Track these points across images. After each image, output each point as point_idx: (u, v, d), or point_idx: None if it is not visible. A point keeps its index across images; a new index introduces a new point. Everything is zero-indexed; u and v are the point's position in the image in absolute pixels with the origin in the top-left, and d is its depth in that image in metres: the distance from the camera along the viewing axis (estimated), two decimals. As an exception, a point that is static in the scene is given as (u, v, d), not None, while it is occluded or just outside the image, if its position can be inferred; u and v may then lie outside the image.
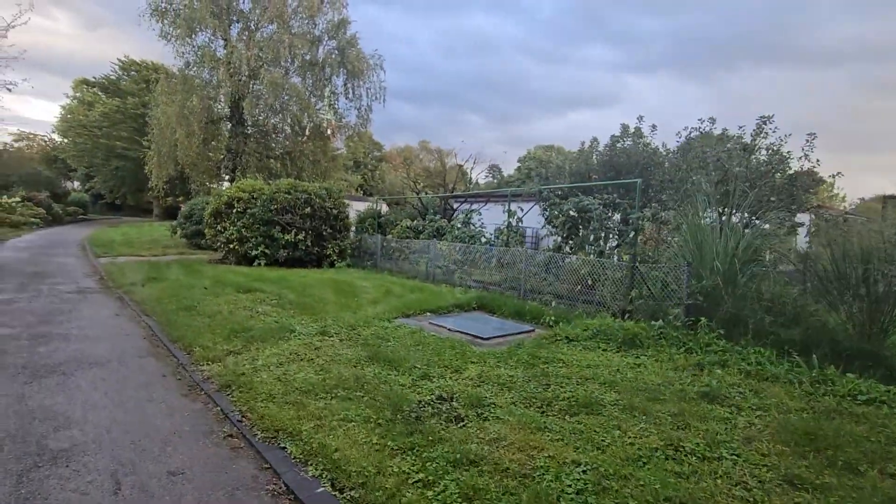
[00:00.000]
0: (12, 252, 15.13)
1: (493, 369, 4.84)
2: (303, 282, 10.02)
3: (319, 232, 13.45)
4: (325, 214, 13.52)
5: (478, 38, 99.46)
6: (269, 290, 8.80)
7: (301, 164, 21.93)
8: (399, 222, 14.48)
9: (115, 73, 42.14)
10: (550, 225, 10.17)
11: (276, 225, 13.20)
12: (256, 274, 11.25)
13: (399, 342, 5.73)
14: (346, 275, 11.87)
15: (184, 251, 17.17)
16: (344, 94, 23.59)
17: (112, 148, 37.19)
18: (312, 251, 13.41)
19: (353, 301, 8.20)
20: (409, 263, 13.09)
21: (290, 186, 13.49)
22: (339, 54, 21.82)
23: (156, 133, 20.62)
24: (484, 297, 8.73)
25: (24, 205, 28.77)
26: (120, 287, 9.60)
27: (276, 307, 7.53)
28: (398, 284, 10.28)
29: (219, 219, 13.79)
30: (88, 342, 5.73)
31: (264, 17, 20.61)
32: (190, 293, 8.52)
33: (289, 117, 21.24)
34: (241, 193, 13.64)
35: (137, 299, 8.31)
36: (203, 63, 19.70)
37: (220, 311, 7.14)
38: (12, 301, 7.80)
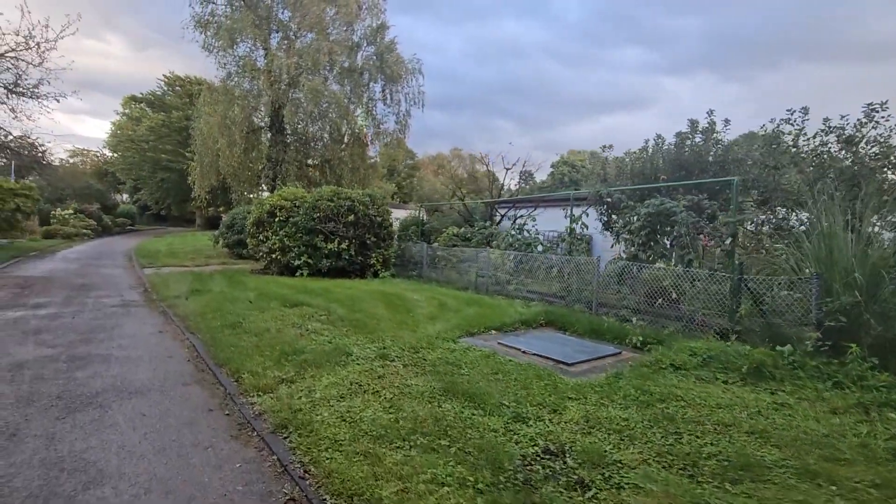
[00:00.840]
0: (63, 263, 15.31)
1: (598, 409, 3.93)
2: (350, 294, 9.38)
3: (363, 240, 12.86)
4: (368, 222, 12.93)
5: (507, 43, 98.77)
6: (316, 305, 8.19)
7: (340, 172, 21.63)
8: (444, 230, 13.74)
9: (161, 88, 43.75)
10: (617, 230, 9.16)
11: (318, 234, 12.71)
12: (300, 285, 10.72)
13: (473, 369, 4.90)
14: (393, 286, 11.19)
15: (226, 261, 17.02)
16: (382, 100, 23.25)
17: (158, 161, 38.43)
18: (356, 261, 12.84)
19: (409, 317, 7.44)
20: (458, 273, 12.30)
21: (333, 193, 13.00)
22: (378, 59, 21.48)
23: (198, 144, 20.81)
24: (551, 313, 7.80)
25: (77, 216, 29.91)
26: (164, 300, 9.24)
27: (326, 324, 6.86)
28: (451, 297, 9.49)
29: (261, 228, 13.44)
30: (129, 365, 5.19)
31: (303, 25, 20.52)
32: (234, 307, 8.01)
33: (328, 124, 21.02)
34: (283, 202, 13.26)
35: (181, 314, 7.85)
36: (244, 73, 19.74)
37: (268, 328, 6.52)
38: (56, 316, 7.47)
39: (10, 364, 5.04)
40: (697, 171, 10.97)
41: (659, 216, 7.60)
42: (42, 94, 11.00)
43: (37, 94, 10.92)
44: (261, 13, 20.83)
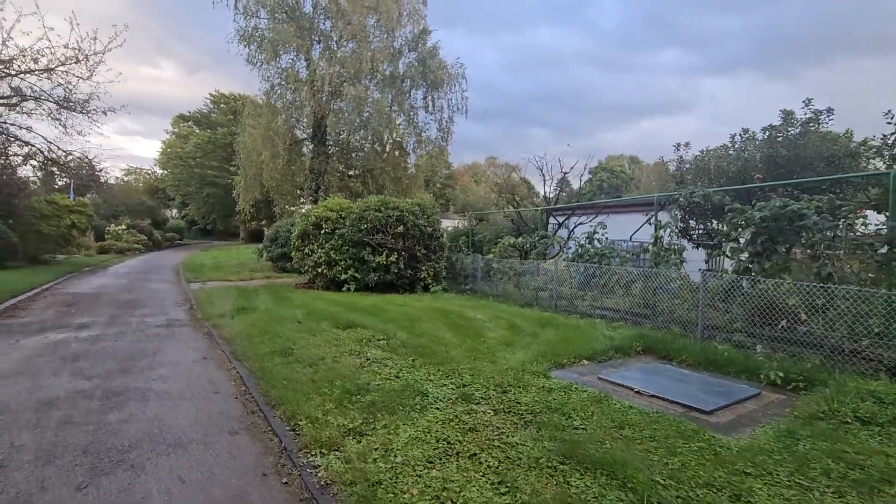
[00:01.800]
0: (112, 279, 15.29)
1: (802, 496, 2.76)
2: (405, 313, 8.48)
3: (413, 253, 12.01)
4: (418, 233, 12.08)
5: (541, 52, 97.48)
6: (371, 326, 7.31)
7: (382, 182, 21.07)
8: (499, 240, 12.70)
9: (207, 106, 45.22)
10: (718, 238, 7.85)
11: (366, 246, 11.96)
12: (349, 302, 9.93)
13: (588, 421, 3.82)
14: (448, 302, 10.22)
15: (270, 275, 16.62)
16: (424, 107, 22.63)
17: (204, 176, 39.49)
18: (405, 274, 11.98)
19: (480, 342, 6.43)
20: (517, 287, 11.21)
21: (381, 203, 12.24)
22: (420, 64, 20.88)
23: (243, 157, 20.80)
24: (645, 337, 6.59)
25: (130, 232, 30.87)
26: (208, 319, 8.64)
27: (388, 351, 5.94)
28: (518, 316, 8.41)
29: (306, 241, 12.85)
30: (169, 404, 4.42)
31: (345, 34, 20.23)
32: (283, 329, 7.25)
33: (370, 133, 20.54)
34: (328, 213, 12.63)
35: (227, 336, 7.16)
36: (287, 84, 19.59)
37: (323, 356, 5.67)
38: (98, 339, 6.93)
39: (40, 402, 4.37)
40: (799, 169, 9.50)
41: (779, 221, 6.28)
42: (91, 108, 10.73)
43: (87, 109, 10.70)
44: (303, 24, 20.72)
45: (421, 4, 22.55)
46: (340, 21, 20.62)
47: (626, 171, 60.74)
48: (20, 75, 9.57)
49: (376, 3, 20.17)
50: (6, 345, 6.42)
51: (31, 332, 7.25)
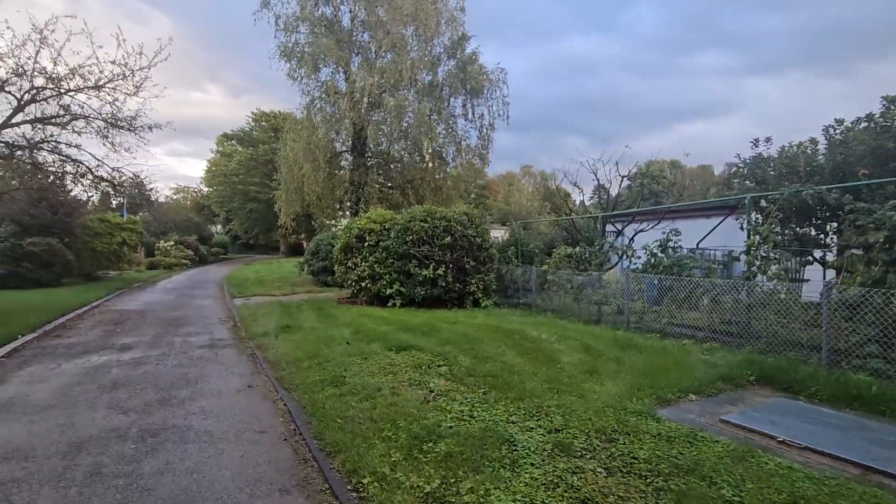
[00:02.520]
0: (160, 294, 15.34)
1: None
2: (461, 332, 7.69)
3: (461, 265, 11.25)
4: (467, 244, 11.32)
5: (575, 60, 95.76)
6: (427, 348, 6.57)
7: (422, 192, 20.53)
8: (554, 250, 11.75)
9: (249, 125, 46.58)
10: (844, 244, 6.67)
11: (411, 259, 11.31)
12: (397, 319, 9.26)
13: (742, 491, 2.86)
14: (503, 319, 9.37)
15: (312, 289, 16.28)
16: (463, 115, 22.01)
17: (247, 192, 40.44)
18: (453, 288, 11.22)
19: (556, 369, 5.54)
20: (576, 302, 10.22)
21: (427, 213, 11.59)
22: (460, 71, 20.32)
23: (284, 171, 20.81)
24: (756, 364, 5.50)
25: (178, 248, 31.77)
26: (252, 338, 8.16)
27: (452, 381, 5.15)
28: (588, 335, 7.45)
29: (349, 254, 12.34)
30: (211, 449, 3.79)
31: (383, 44, 19.98)
32: (331, 351, 6.62)
33: (409, 143, 20.10)
34: (372, 225, 12.09)
35: (271, 359, 6.60)
36: (327, 96, 19.47)
37: (379, 387, 4.95)
38: (140, 362, 6.51)
39: (70, 444, 3.85)
40: (917, 161, 8.12)
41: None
42: (138, 126, 10.67)
43: (134, 126, 10.62)
44: (342, 37, 20.67)
45: (459, 11, 22.12)
46: (379, 31, 20.44)
47: (668, 176, 58.05)
48: (69, 93, 9.56)
49: (415, 12, 19.87)
50: (47, 370, 6.08)
51: (74, 354, 6.94)
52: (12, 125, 9.60)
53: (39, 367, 6.23)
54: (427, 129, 19.13)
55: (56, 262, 16.61)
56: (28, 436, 4.01)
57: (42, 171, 11.79)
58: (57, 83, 9.38)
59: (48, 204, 17.28)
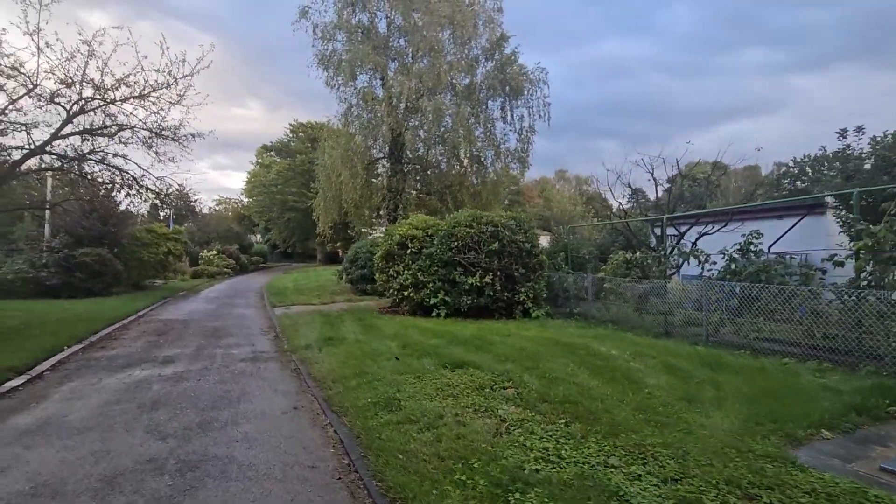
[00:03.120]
0: (202, 304, 15.37)
1: None
2: (518, 347, 6.98)
3: (510, 273, 10.54)
4: (515, 250, 10.61)
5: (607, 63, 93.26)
6: (485, 366, 5.91)
7: (461, 198, 19.96)
8: (612, 255, 10.87)
9: (287, 136, 47.61)
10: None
11: (456, 266, 10.70)
12: (444, 331, 8.64)
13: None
14: (560, 331, 8.59)
15: (351, 297, 15.95)
16: (501, 118, 21.36)
17: (285, 202, 41.15)
18: (501, 297, 10.52)
19: (643, 394, 4.75)
20: (638, 312, 9.31)
21: (472, 218, 10.98)
22: (499, 72, 19.70)
23: (322, 179, 20.72)
24: (888, 389, 4.54)
25: (220, 256, 32.52)
26: (295, 351, 7.75)
27: (524, 407, 4.46)
28: (665, 352, 6.58)
29: (390, 262, 11.87)
30: (256, 489, 3.25)
31: (420, 48, 19.66)
32: (379, 367, 6.08)
33: (447, 148, 19.59)
34: (414, 231, 11.58)
35: (316, 375, 6.11)
36: (364, 103, 19.28)
37: (440, 413, 4.32)
38: (181, 377, 6.16)
39: (103, 478, 3.41)
40: None
41: None
42: (182, 135, 10.60)
43: (178, 136, 10.55)
44: (378, 43, 20.50)
45: (496, 12, 21.57)
46: (415, 36, 20.15)
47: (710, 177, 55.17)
48: (115, 103, 9.56)
49: (452, 15, 19.47)
50: (88, 385, 5.80)
51: (116, 367, 6.69)
52: (62, 136, 9.68)
53: (81, 381, 5.97)
54: (466, 132, 18.58)
55: (106, 271, 17.02)
56: (60, 465, 3.61)
57: (94, 184, 11.93)
58: (104, 93, 9.39)
59: (98, 215, 17.79)
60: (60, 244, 17.36)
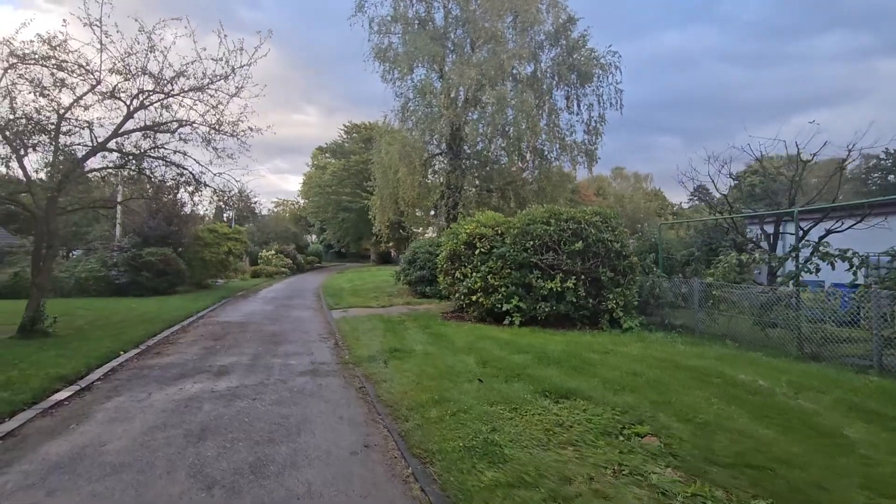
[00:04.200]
0: (261, 304, 15.06)
1: None
2: (626, 369, 5.65)
3: (595, 276, 9.15)
4: (602, 251, 9.20)
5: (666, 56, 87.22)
6: (596, 396, 4.65)
7: (524, 195, 18.63)
8: (721, 257, 9.18)
9: (341, 137, 48.13)
10: None
11: (533, 268, 9.45)
12: (526, 344, 7.43)
13: None
14: (669, 349, 7.13)
15: (410, 300, 15.08)
16: (567, 108, 19.83)
17: (339, 202, 41.46)
18: (585, 304, 9.15)
19: (854, 456, 3.32)
20: (759, 326, 7.64)
21: (550, 214, 9.68)
22: (567, 55, 18.17)
23: (378, 177, 20.09)
24: None
25: (278, 256, 33.05)
26: (358, 363, 6.84)
27: (685, 472, 3.17)
28: (829, 382, 5.01)
29: (456, 263, 10.80)
30: None
31: (480, 37, 18.54)
32: (460, 391, 4.99)
33: (508, 141, 18.30)
34: (483, 229, 10.44)
35: (387, 399, 5.11)
36: (422, 97, 18.41)
37: (567, 475, 3.13)
38: (234, 395, 5.37)
39: (125, 554, 2.52)
40: None
41: None
42: (240, 131, 10.07)
43: (236, 132, 10.02)
44: (435, 35, 19.59)
45: (560, -7, 20.04)
46: (474, 26, 19.06)
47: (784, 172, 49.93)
48: (174, 96, 9.13)
49: (513, 0, 18.18)
50: (135, 403, 5.12)
51: (168, 379, 6.04)
52: (123, 134, 9.40)
53: (129, 396, 5.32)
54: (530, 123, 17.22)
55: (170, 270, 17.23)
56: (79, 528, 2.78)
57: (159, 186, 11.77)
58: (163, 86, 8.99)
59: (164, 215, 18.11)
60: (129, 243, 17.80)
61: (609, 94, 18.63)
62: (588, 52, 18.37)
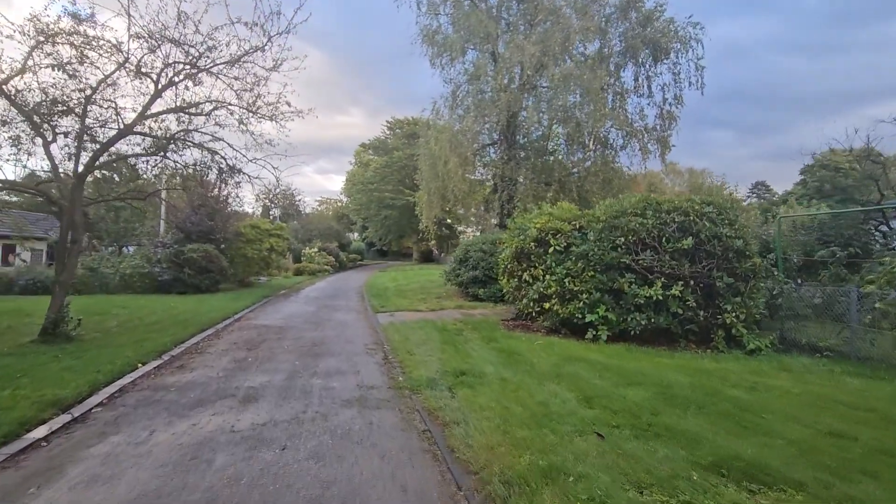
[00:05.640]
0: (302, 305, 14.00)
1: None
2: (808, 419, 3.84)
3: (708, 282, 7.24)
4: (719, 249, 7.27)
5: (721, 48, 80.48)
6: (804, 479, 2.92)
7: (589, 188, 16.66)
8: (888, 258, 7.06)
9: (384, 133, 47.36)
10: None
11: (624, 271, 7.66)
12: (631, 370, 5.70)
13: None
14: (831, 382, 5.20)
15: (461, 304, 13.56)
16: (635, 90, 17.63)
17: (382, 199, 40.62)
18: (694, 317, 7.26)
19: None
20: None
21: (644, 203, 7.86)
22: (639, 29, 15.99)
23: (425, 170, 18.63)
24: None
25: (321, 254, 32.48)
26: (415, 389, 5.38)
27: None
28: None
29: (524, 263, 9.15)
30: None
31: (539, 12, 16.70)
32: (575, 454, 3.39)
33: (572, 127, 16.35)
34: (558, 223, 8.74)
35: (465, 457, 3.58)
36: (476, 80, 16.80)
37: None
38: (259, 440, 4.00)
39: None
40: None
41: None
42: (279, 113, 8.87)
43: (275, 115, 8.82)
44: (489, 13, 17.92)
45: (630, -39, 17.82)
46: (531, 3, 17.25)
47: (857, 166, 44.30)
48: (205, 71, 8.01)
49: (575, -30, 16.25)
50: (131, 448, 3.85)
51: (182, 408, 4.79)
52: (152, 116, 8.40)
53: (126, 436, 4.08)
54: (596, 106, 15.24)
55: (212, 267, 16.56)
56: None
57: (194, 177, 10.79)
58: (192, 58, 7.89)
59: (206, 211, 17.50)
60: (171, 240, 17.31)
61: (687, 72, 16.30)
62: (665, 23, 16.10)
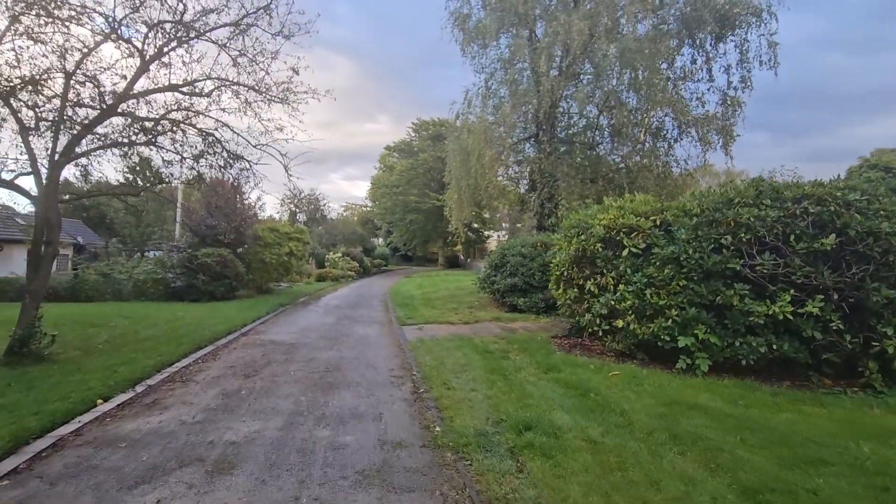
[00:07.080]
0: (320, 316, 12.51)
1: None
2: None
3: (860, 295, 5.27)
4: (877, 251, 5.31)
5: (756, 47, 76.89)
6: None
7: (642, 183, 14.64)
8: None
9: (409, 135, 46.16)
10: None
11: (732, 280, 5.77)
12: (784, 431, 3.86)
13: None
14: None
15: (498, 315, 11.79)
16: (691, 74, 15.54)
17: (407, 203, 39.30)
18: (840, 345, 5.29)
19: None
20: None
21: (756, 190, 5.95)
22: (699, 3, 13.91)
23: (456, 167, 16.97)
24: None
25: (344, 259, 31.25)
26: (461, 453, 3.70)
27: None
28: None
29: (586, 269, 7.33)
30: None
31: (582, -10, 14.88)
32: None
33: (621, 116, 14.41)
34: (632, 219, 6.91)
35: None
36: (511, 66, 15.09)
37: None
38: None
39: None
40: None
41: None
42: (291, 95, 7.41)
43: (286, 98, 7.35)
44: None
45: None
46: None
47: None
48: (201, 36, 6.58)
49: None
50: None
51: (122, 483, 3.21)
52: (139, 95, 7.03)
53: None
54: (654, 89, 13.28)
55: (228, 273, 15.32)
56: None
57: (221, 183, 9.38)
58: (183, 19, 6.48)
59: (222, 212, 16.33)
60: (185, 243, 16.22)
61: (759, 50, 14.14)
62: (734, -9, 13.98)
